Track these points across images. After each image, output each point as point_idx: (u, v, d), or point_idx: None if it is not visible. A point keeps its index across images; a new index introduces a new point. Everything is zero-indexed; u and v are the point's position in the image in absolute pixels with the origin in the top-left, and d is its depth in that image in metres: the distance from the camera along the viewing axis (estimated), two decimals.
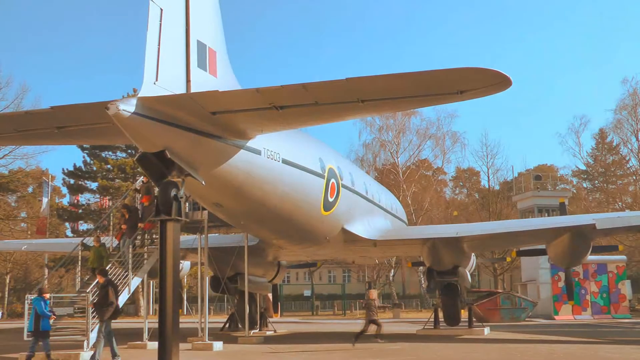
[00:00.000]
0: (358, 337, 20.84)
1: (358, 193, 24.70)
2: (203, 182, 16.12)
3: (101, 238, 21.49)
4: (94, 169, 54.55)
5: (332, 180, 21.77)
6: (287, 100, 13.83)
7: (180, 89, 14.98)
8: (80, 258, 22.73)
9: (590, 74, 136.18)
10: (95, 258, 19.96)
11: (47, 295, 16.59)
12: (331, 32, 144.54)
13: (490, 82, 12.19)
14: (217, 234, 27.90)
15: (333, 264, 72.62)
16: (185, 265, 32.74)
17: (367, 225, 25.46)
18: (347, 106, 14.09)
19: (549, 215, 49.46)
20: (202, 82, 15.63)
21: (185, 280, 56.63)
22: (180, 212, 15.05)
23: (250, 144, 17.08)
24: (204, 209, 20.63)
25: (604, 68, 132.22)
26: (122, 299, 19.00)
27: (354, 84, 12.78)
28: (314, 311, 62.32)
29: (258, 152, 17.54)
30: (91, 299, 17.36)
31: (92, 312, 17.22)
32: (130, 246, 19.90)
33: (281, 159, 18.68)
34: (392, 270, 64.25)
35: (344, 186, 22.89)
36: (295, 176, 19.53)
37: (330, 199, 21.74)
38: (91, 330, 17.37)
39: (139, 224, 20.59)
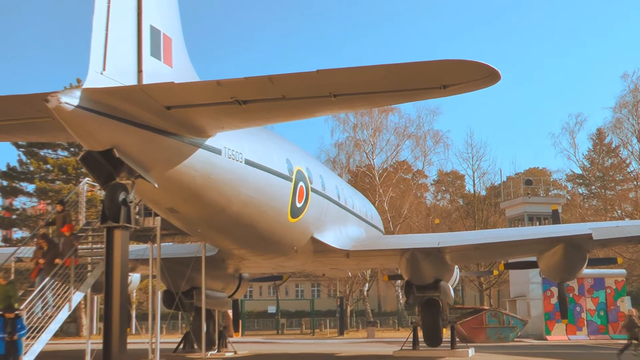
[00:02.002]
0: (622, 351, 24.81)
1: (329, 198, 24.76)
2: (156, 185, 16.07)
3: (11, 273, 20.36)
4: (31, 169, 53.83)
5: (301, 183, 21.82)
6: (251, 94, 13.85)
7: (131, 80, 14.93)
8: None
9: (587, 68, 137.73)
10: (2, 298, 18.14)
11: (11, 315, 16.12)
12: (305, 19, 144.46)
13: (476, 75, 12.34)
14: (170, 243, 27.79)
15: (301, 277, 72.76)
16: (134, 278, 32.48)
17: (339, 234, 25.53)
18: (318, 101, 14.17)
19: (540, 224, 50.04)
20: (155, 72, 15.58)
21: (135, 295, 56.16)
22: (129, 219, 15.03)
23: (210, 142, 17.06)
24: (156, 215, 20.53)
25: (602, 61, 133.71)
26: (62, 317, 18.79)
27: (325, 77, 12.84)
28: (279, 330, 62.18)
29: (218, 152, 17.52)
30: None
31: None
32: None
33: (244, 159, 18.68)
34: (367, 284, 64.44)
35: (314, 190, 22.95)
36: (259, 179, 19.54)
37: (298, 205, 21.78)
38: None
39: (57, 260, 19.14)
